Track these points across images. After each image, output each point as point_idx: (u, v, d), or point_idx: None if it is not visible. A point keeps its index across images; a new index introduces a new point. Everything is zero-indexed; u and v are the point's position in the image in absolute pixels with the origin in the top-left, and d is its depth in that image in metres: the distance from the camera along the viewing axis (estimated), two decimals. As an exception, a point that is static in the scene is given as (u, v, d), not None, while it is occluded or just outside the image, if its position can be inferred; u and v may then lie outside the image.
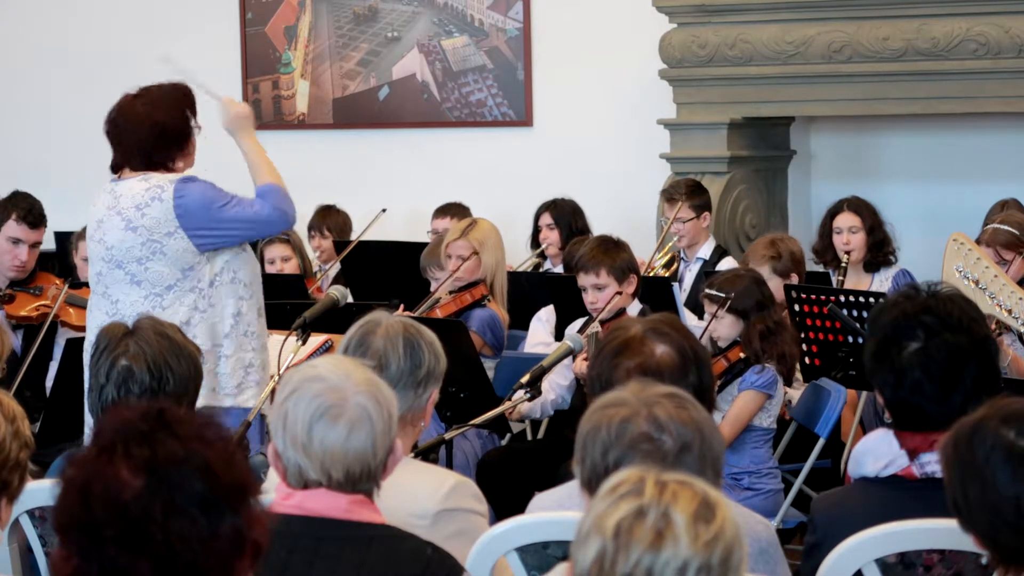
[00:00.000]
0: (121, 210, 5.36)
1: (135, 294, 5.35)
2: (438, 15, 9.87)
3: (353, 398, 3.09)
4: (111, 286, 5.41)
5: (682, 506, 2.27)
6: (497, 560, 3.62)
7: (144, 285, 5.35)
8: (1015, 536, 2.76)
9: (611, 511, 2.29)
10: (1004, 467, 2.76)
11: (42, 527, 4.25)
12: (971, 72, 8.06)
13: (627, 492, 2.30)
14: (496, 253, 7.24)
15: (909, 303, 3.58)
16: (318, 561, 3.05)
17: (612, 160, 9.38)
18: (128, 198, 5.36)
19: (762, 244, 7.06)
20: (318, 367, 3.16)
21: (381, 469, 3.13)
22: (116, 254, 5.38)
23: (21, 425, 3.14)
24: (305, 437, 3.09)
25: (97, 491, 2.31)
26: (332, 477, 3.08)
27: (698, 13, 8.67)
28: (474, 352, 6.31)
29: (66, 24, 10.70)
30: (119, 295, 5.39)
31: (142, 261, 5.35)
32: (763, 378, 6.00)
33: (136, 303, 5.34)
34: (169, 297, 5.33)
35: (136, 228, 5.34)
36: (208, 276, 5.38)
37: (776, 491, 6.06)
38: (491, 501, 4.19)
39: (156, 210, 5.32)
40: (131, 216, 5.34)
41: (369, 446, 3.09)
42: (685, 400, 2.94)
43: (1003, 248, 6.77)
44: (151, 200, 5.33)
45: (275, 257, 8.31)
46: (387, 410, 3.12)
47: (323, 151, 9.97)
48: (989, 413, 2.82)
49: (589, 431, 2.90)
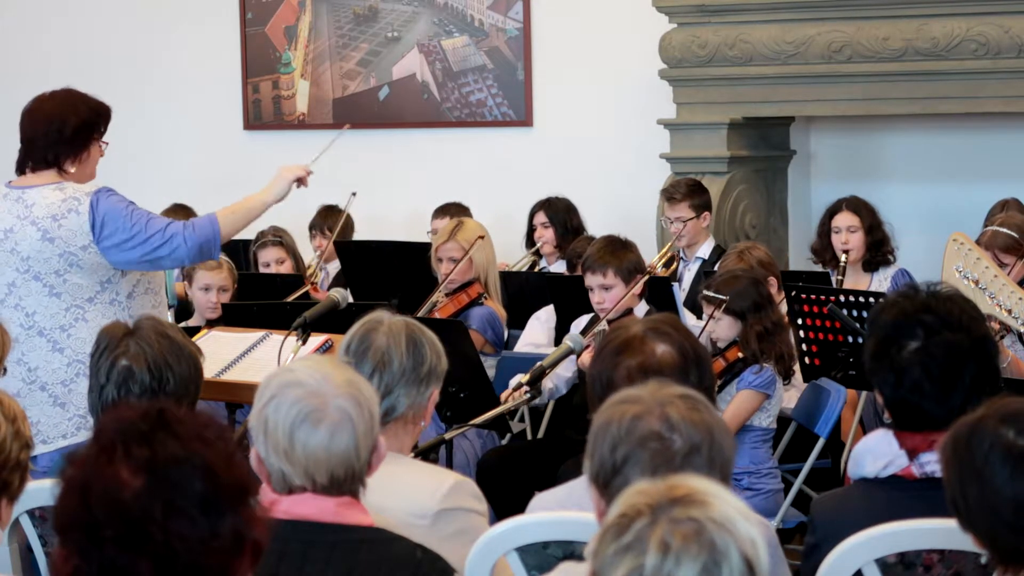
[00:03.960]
0: (35, 219, 5.27)
1: (55, 306, 5.27)
2: (438, 15, 9.87)
3: (333, 401, 3.07)
4: (26, 298, 5.30)
5: (685, 569, 2.19)
6: (497, 560, 3.62)
7: (64, 297, 5.28)
8: (1013, 535, 2.76)
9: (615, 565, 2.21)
10: (1003, 467, 2.76)
11: (42, 527, 4.25)
12: (971, 72, 8.06)
13: (631, 544, 2.21)
14: (487, 251, 7.25)
15: (909, 302, 3.58)
16: (307, 566, 3.03)
17: (612, 160, 9.39)
18: (42, 207, 5.28)
19: (731, 259, 7.04)
20: (296, 371, 3.14)
21: (366, 469, 3.12)
22: (33, 265, 5.29)
23: (22, 425, 3.14)
24: (287, 443, 3.07)
25: (97, 491, 2.31)
26: (316, 482, 3.07)
27: (698, 13, 8.67)
28: (474, 352, 6.31)
29: (66, 24, 10.70)
30: (35, 307, 5.29)
31: (60, 273, 5.27)
32: (761, 378, 6.01)
33: (56, 315, 5.27)
34: (91, 310, 5.27)
35: (53, 239, 5.26)
36: (127, 288, 5.34)
37: (776, 491, 6.07)
38: (491, 501, 4.19)
39: (72, 222, 5.25)
40: (47, 227, 5.26)
41: (352, 448, 3.07)
42: (699, 402, 2.93)
43: (1002, 251, 6.76)
44: (67, 212, 5.26)
45: (269, 260, 8.31)
46: (368, 410, 3.10)
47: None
48: (988, 412, 2.82)
49: (600, 425, 2.90)
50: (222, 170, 10.09)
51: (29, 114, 5.43)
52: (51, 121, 5.37)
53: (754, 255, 7.01)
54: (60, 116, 5.37)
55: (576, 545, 3.51)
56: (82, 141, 5.40)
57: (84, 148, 5.40)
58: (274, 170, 5.67)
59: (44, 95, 5.46)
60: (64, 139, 5.36)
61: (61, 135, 5.35)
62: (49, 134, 5.35)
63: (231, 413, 5.60)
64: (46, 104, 5.42)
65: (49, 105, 5.41)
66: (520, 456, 6.75)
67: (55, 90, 5.49)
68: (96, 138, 5.44)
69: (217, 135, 10.47)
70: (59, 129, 5.35)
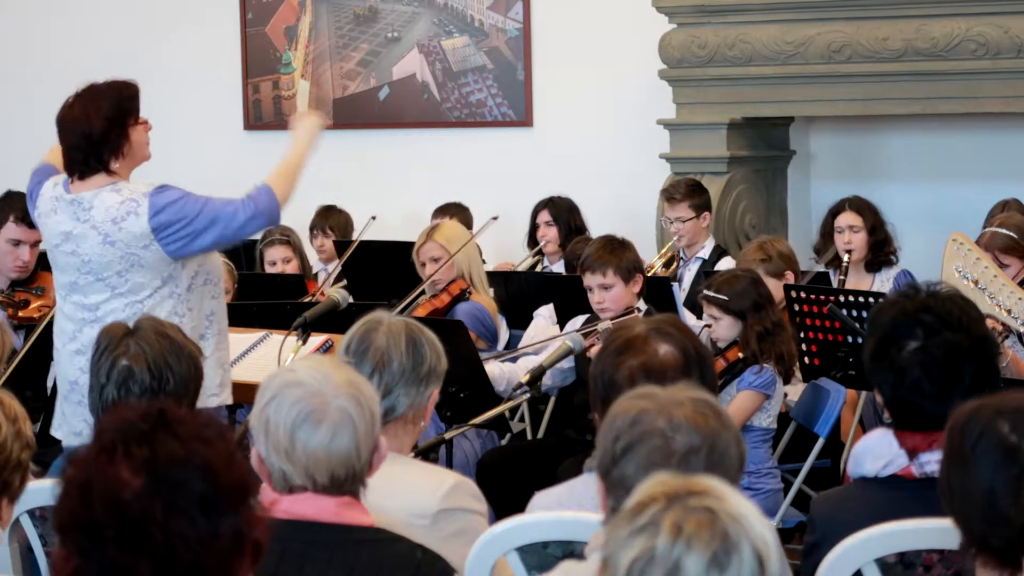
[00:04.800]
0: (96, 224, 5.26)
1: (116, 303, 5.28)
2: (438, 15, 9.87)
3: (334, 402, 3.07)
4: (90, 295, 5.33)
5: (696, 553, 2.19)
6: (497, 560, 3.62)
7: (127, 295, 5.28)
8: (984, 524, 2.76)
9: (627, 546, 2.21)
10: (988, 457, 2.77)
11: (43, 527, 4.25)
12: (971, 72, 8.07)
13: (644, 526, 2.22)
14: (466, 247, 7.26)
15: (909, 302, 3.58)
16: (308, 566, 3.04)
17: (612, 160, 9.39)
18: (101, 211, 5.26)
19: (751, 249, 7.06)
20: (297, 371, 3.14)
21: (366, 469, 3.12)
22: (94, 267, 5.29)
23: (23, 426, 3.14)
24: (288, 443, 3.07)
25: (97, 491, 2.31)
26: (317, 482, 3.07)
27: (698, 13, 8.67)
28: (474, 352, 6.31)
29: (66, 23, 10.71)
30: (98, 302, 5.31)
31: (122, 273, 5.27)
32: (761, 378, 6.01)
33: (116, 310, 5.28)
34: (150, 304, 5.27)
35: (114, 243, 5.25)
36: (186, 280, 5.32)
37: (776, 491, 6.07)
38: (491, 501, 4.19)
39: (132, 224, 5.22)
40: (108, 230, 5.24)
41: (353, 448, 3.07)
42: (709, 408, 2.94)
43: (1002, 252, 6.75)
44: (127, 214, 5.23)
45: (276, 259, 8.34)
46: (369, 410, 3.11)
47: (323, 151, 9.92)
48: (988, 403, 2.83)
49: (610, 416, 2.93)
50: (222, 170, 10.06)
51: (59, 125, 5.36)
52: (78, 128, 5.28)
53: (776, 247, 7.04)
54: (85, 121, 5.28)
55: (576, 545, 3.51)
56: (117, 135, 5.30)
57: (122, 140, 5.31)
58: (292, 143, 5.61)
59: (68, 101, 5.36)
60: (96, 142, 5.27)
61: (91, 139, 5.27)
62: (81, 142, 5.28)
63: (231, 413, 5.60)
64: (71, 111, 5.33)
65: (74, 111, 5.32)
66: (520, 456, 6.75)
67: (78, 91, 5.38)
68: (131, 123, 5.33)
69: (217, 135, 10.48)
70: (87, 134, 5.26)
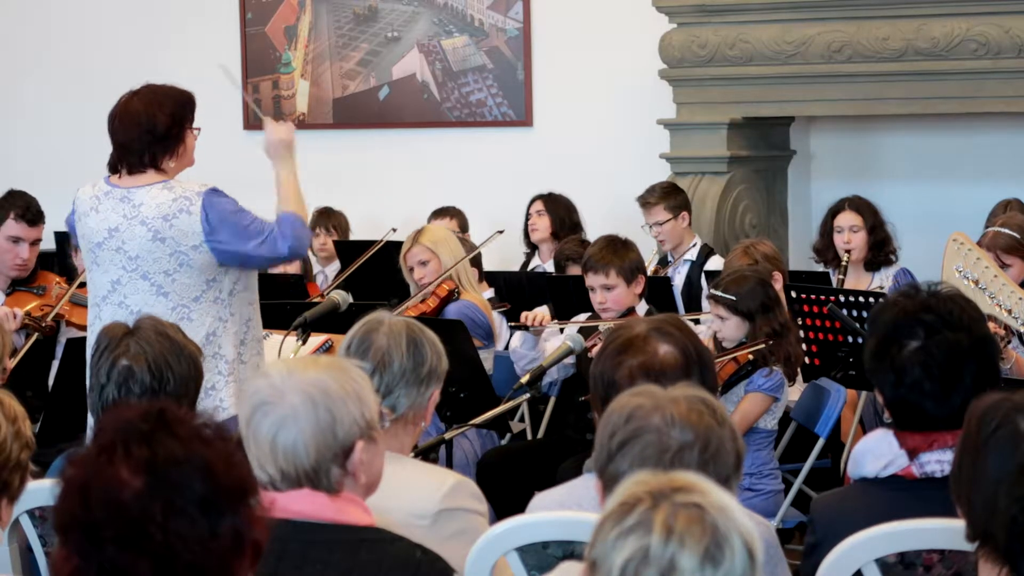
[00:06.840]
0: (145, 219, 5.27)
1: (161, 305, 5.26)
2: (438, 15, 9.87)
3: (286, 396, 3.08)
4: (131, 296, 5.31)
5: (689, 550, 2.20)
6: (497, 560, 3.62)
7: (171, 296, 5.28)
8: (985, 513, 2.76)
9: (618, 548, 2.22)
10: (1000, 450, 2.76)
11: (42, 527, 4.25)
12: (971, 72, 8.07)
13: (633, 526, 2.23)
14: (451, 248, 7.27)
15: (909, 301, 3.58)
16: (307, 566, 3.03)
17: (612, 160, 9.39)
18: (151, 207, 5.27)
19: (736, 255, 7.04)
20: (274, 367, 3.17)
21: (329, 471, 3.08)
22: (142, 264, 5.29)
23: (22, 425, 3.14)
24: (246, 432, 3.10)
25: (97, 491, 2.31)
26: (269, 473, 3.08)
27: (698, 13, 8.67)
28: (474, 352, 6.31)
29: (67, 23, 10.71)
30: (140, 305, 5.27)
31: (169, 272, 5.27)
32: (771, 381, 5.96)
33: (163, 315, 5.24)
34: (196, 309, 5.27)
35: (164, 239, 5.26)
36: (228, 286, 5.33)
37: (776, 492, 6.05)
38: (491, 501, 4.19)
39: (184, 222, 5.24)
40: (158, 227, 5.25)
41: (299, 445, 3.06)
42: (705, 405, 2.94)
43: (1004, 252, 6.75)
44: (179, 212, 5.25)
45: (278, 259, 8.32)
46: (325, 411, 3.08)
47: (323, 151, 9.97)
48: (1012, 397, 2.82)
49: (608, 412, 2.95)
50: (222, 170, 10.02)
51: (118, 119, 5.37)
52: (140, 124, 5.31)
53: (759, 250, 7.01)
54: (149, 117, 5.31)
55: (576, 545, 3.51)
56: (175, 137, 5.36)
57: (179, 142, 5.37)
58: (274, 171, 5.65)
59: (127, 97, 5.39)
60: (157, 139, 5.31)
61: (153, 136, 5.31)
62: (142, 137, 5.30)
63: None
64: (132, 105, 5.35)
65: (136, 107, 5.34)
66: (520, 456, 6.75)
67: (136, 89, 5.41)
68: (188, 126, 5.39)
69: (217, 135, 10.43)
70: (150, 130, 5.30)
